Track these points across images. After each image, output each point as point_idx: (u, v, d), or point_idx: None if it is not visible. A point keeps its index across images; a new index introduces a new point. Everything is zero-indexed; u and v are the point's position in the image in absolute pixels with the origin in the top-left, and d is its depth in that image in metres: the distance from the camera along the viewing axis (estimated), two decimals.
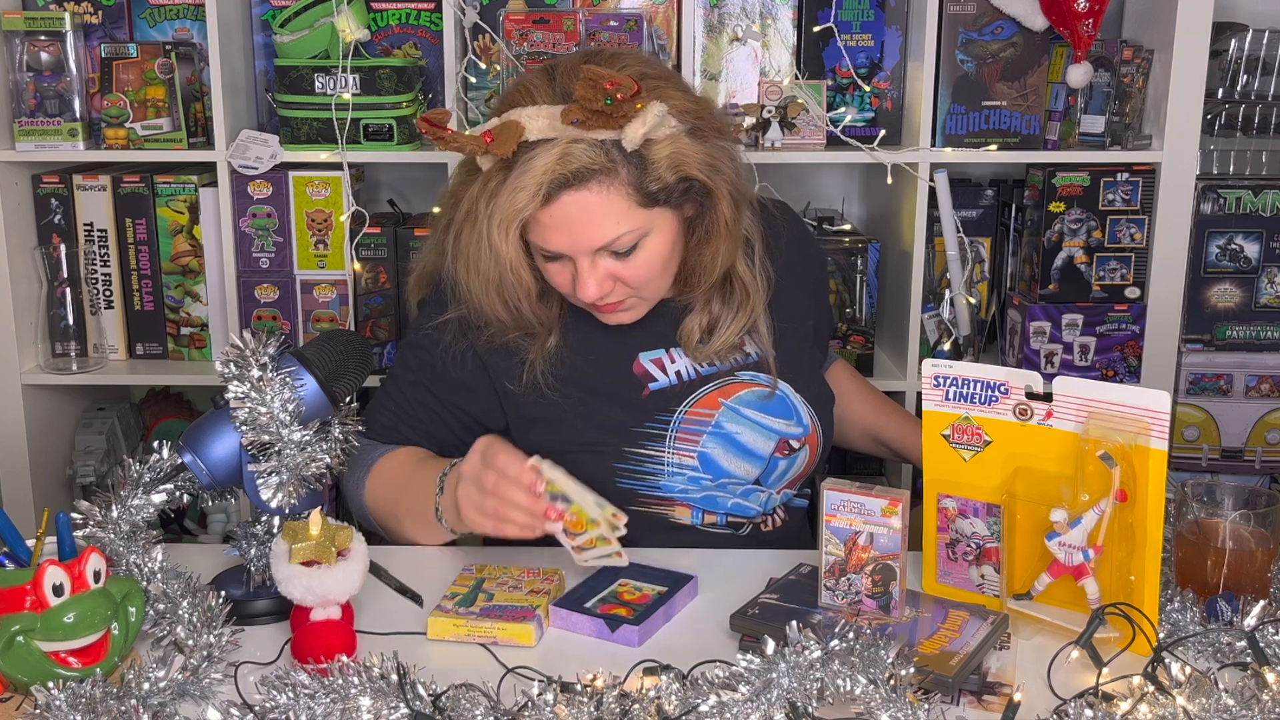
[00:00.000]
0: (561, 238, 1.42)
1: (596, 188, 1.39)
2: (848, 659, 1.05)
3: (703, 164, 1.43)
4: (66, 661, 1.11)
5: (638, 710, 1.05)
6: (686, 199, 1.46)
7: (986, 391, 1.30)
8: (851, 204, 2.54)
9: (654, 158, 1.40)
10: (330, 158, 2.14)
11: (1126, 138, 2.19)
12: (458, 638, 1.28)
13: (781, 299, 1.63)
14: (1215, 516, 1.30)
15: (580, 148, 1.37)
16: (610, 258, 1.44)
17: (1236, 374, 2.21)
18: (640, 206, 1.42)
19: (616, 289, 1.47)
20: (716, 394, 1.57)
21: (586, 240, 1.42)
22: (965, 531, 1.33)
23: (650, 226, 1.44)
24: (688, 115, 1.43)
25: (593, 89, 1.33)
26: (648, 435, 1.54)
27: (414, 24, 2.24)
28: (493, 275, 1.45)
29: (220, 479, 1.33)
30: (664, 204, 1.44)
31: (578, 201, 1.39)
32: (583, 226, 1.41)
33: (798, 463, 1.61)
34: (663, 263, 1.48)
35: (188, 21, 2.26)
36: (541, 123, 1.38)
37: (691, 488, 1.55)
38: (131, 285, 2.26)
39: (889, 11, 2.20)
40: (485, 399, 1.57)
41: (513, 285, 1.46)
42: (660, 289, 1.52)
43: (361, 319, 2.24)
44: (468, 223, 1.45)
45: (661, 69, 1.51)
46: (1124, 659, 1.18)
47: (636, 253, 1.44)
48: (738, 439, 1.56)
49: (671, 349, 1.58)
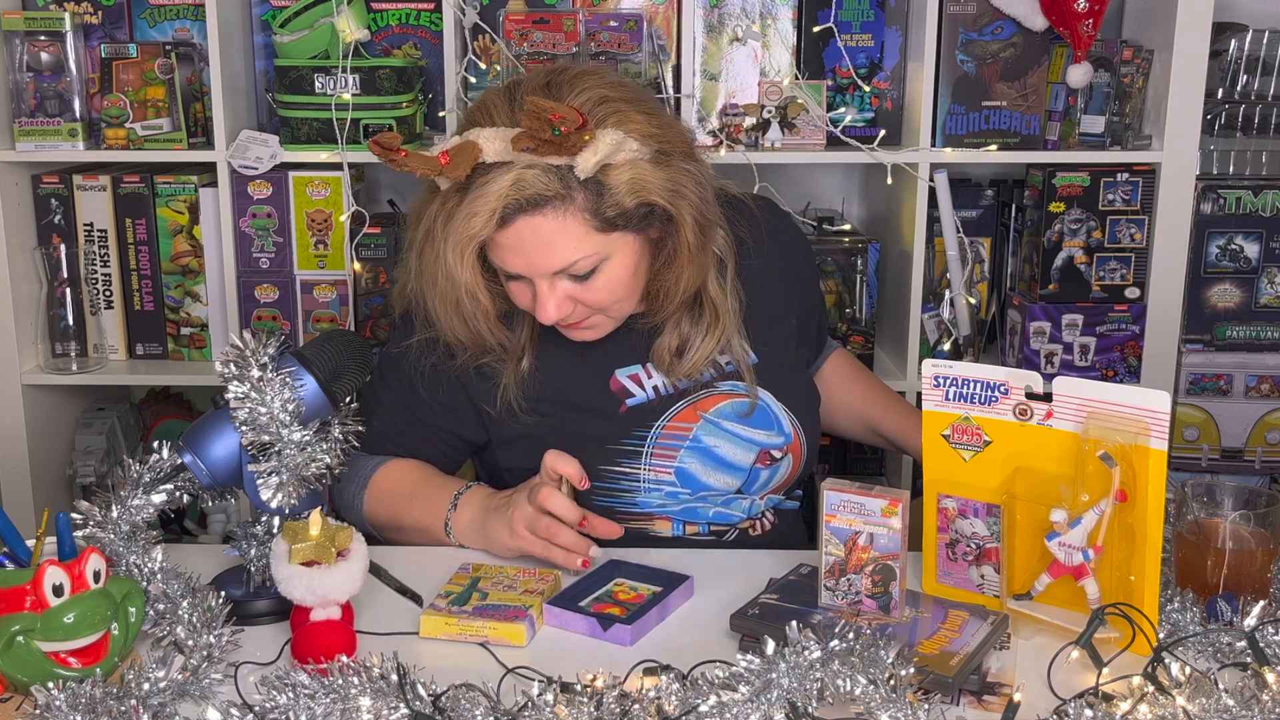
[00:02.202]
0: (518, 260, 1.41)
1: (551, 213, 1.37)
2: (848, 659, 1.05)
3: (664, 189, 1.40)
4: (66, 662, 1.11)
5: (638, 710, 1.05)
6: (649, 223, 1.44)
7: (986, 391, 1.30)
8: (851, 204, 2.54)
9: (612, 183, 1.38)
10: (330, 158, 2.14)
11: (1126, 138, 2.19)
12: (449, 636, 1.28)
13: (760, 306, 1.61)
14: (1215, 516, 1.30)
15: (534, 173, 1.35)
16: (570, 281, 1.43)
17: (1236, 374, 2.21)
18: (598, 231, 1.40)
19: (577, 310, 1.46)
20: (694, 407, 1.56)
21: (544, 263, 1.40)
22: (965, 531, 1.33)
23: (609, 251, 1.42)
24: (651, 139, 1.40)
25: (537, 120, 1.31)
26: (623, 452, 1.53)
27: (414, 24, 2.24)
28: (449, 296, 1.45)
29: (220, 479, 1.33)
30: (624, 229, 1.41)
31: (532, 226, 1.38)
32: (539, 251, 1.39)
33: (780, 472, 1.60)
34: (625, 286, 1.45)
35: (188, 21, 2.26)
36: (498, 145, 1.36)
37: (670, 502, 1.55)
38: (131, 285, 2.26)
39: (889, 11, 2.20)
40: (466, 418, 1.58)
41: (469, 307, 1.45)
42: (626, 309, 1.50)
43: (361, 319, 2.24)
44: (427, 242, 1.44)
45: (628, 90, 1.45)
46: (1124, 659, 1.18)
47: (596, 276, 1.43)
48: (716, 452, 1.55)
49: (648, 364, 1.56)
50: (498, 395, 1.53)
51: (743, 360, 1.57)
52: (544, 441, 1.51)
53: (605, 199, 1.38)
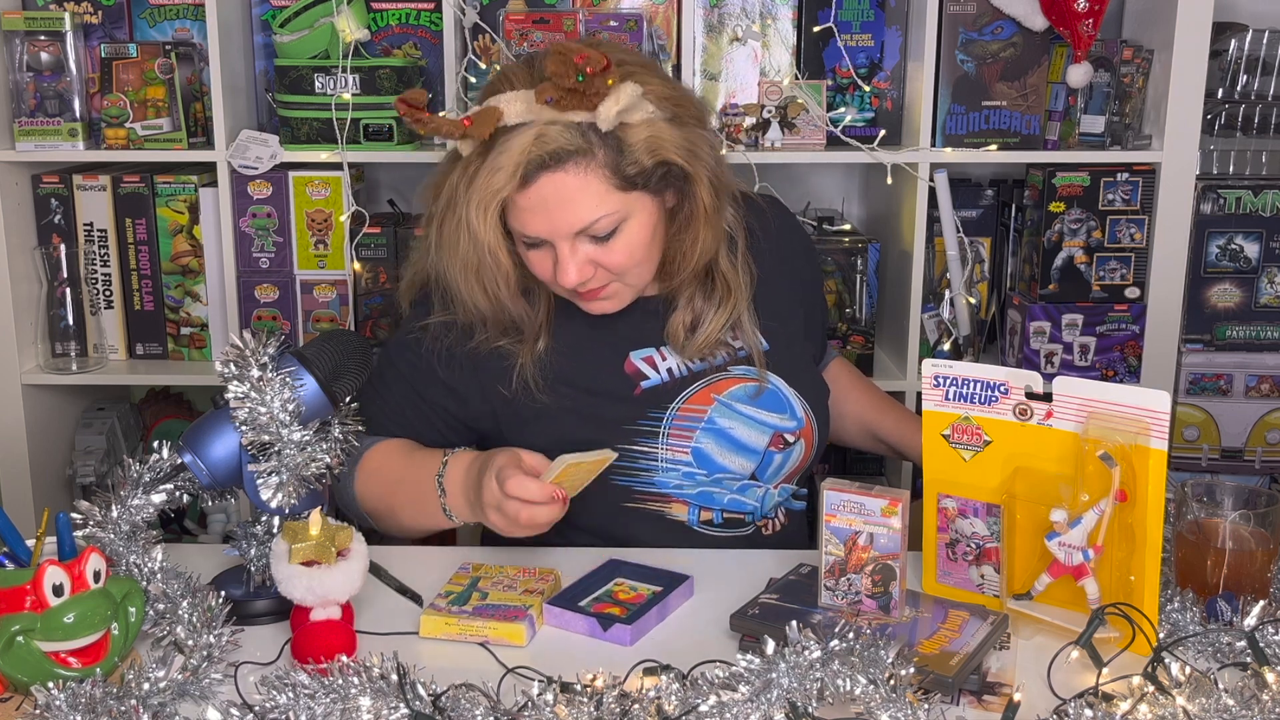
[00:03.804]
0: (540, 221, 1.43)
1: (573, 169, 1.40)
2: (848, 659, 1.05)
3: (680, 149, 1.44)
4: (66, 661, 1.11)
5: (638, 710, 1.05)
6: (666, 185, 1.47)
7: (986, 391, 1.30)
8: (851, 204, 2.54)
9: (631, 141, 1.41)
10: (330, 158, 2.14)
11: (1126, 138, 2.19)
12: (449, 636, 1.28)
13: (769, 294, 1.63)
14: (1215, 516, 1.30)
15: (556, 129, 1.39)
16: (590, 242, 1.45)
17: (1236, 374, 2.21)
18: (618, 190, 1.42)
19: (597, 274, 1.47)
20: (709, 390, 1.57)
21: (565, 223, 1.42)
22: (965, 531, 1.33)
23: (629, 211, 1.44)
24: (666, 102, 1.44)
25: (563, 64, 1.34)
26: (641, 432, 1.54)
27: (414, 24, 2.24)
28: (471, 259, 1.46)
29: (220, 479, 1.33)
30: (643, 189, 1.44)
31: (555, 183, 1.40)
32: (560, 209, 1.41)
33: (793, 456, 1.61)
34: (644, 248, 1.48)
35: (188, 21, 2.26)
36: (519, 106, 1.39)
37: (686, 483, 1.55)
38: (131, 285, 2.26)
39: (889, 11, 2.20)
40: (474, 403, 1.57)
41: (491, 270, 1.47)
42: (643, 276, 1.52)
43: (361, 319, 2.24)
44: (449, 211, 1.46)
45: (641, 59, 1.51)
46: (1124, 659, 1.18)
47: (616, 237, 1.45)
48: (731, 434, 1.56)
49: (662, 347, 1.58)
50: (513, 375, 1.53)
51: (754, 345, 1.59)
52: (560, 421, 1.52)
53: (625, 156, 1.41)
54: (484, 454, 1.44)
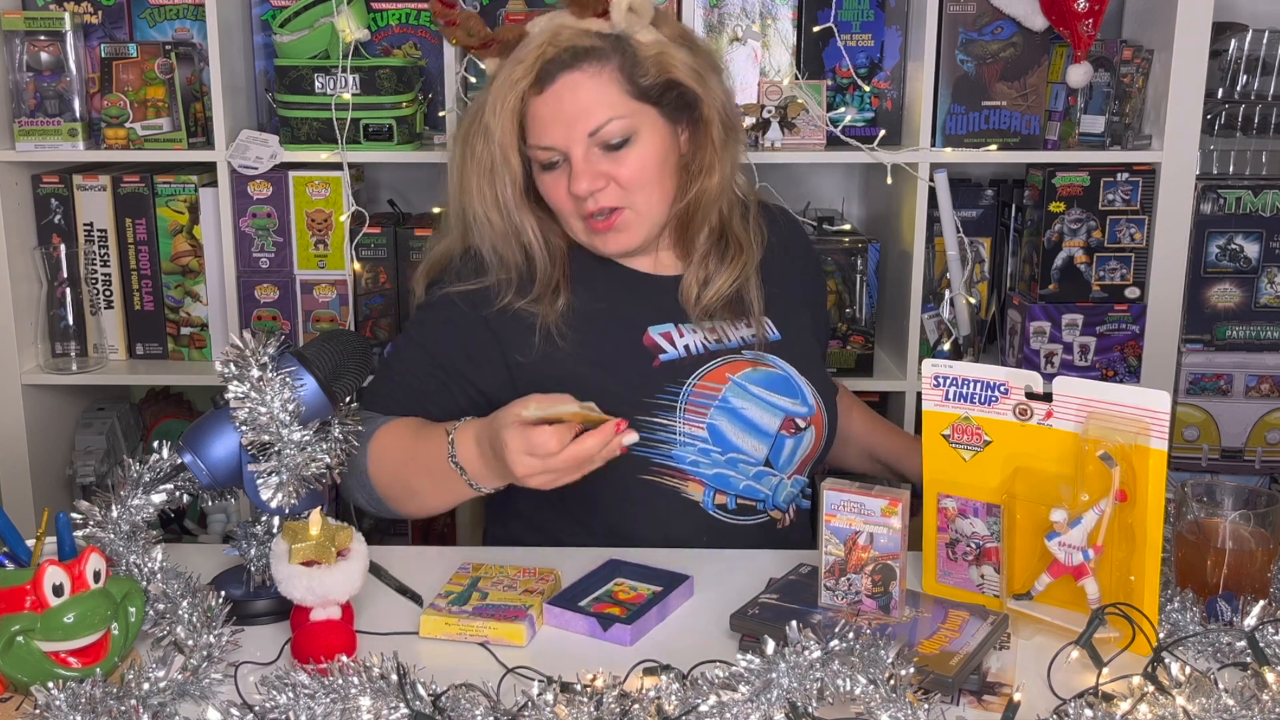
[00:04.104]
0: (556, 128, 1.50)
1: (589, 68, 1.50)
2: (848, 659, 1.05)
3: (690, 72, 1.53)
4: (66, 661, 1.11)
5: (638, 710, 1.05)
6: (678, 112, 1.55)
7: (986, 391, 1.30)
8: (851, 204, 2.54)
9: (643, 55, 1.51)
10: (330, 158, 2.14)
11: (1126, 138, 2.19)
12: (449, 636, 1.28)
13: (781, 285, 1.67)
14: (1215, 516, 1.30)
15: (571, 31, 1.51)
16: (602, 153, 1.50)
17: (1236, 374, 2.21)
18: (631, 97, 1.51)
19: (609, 190, 1.52)
20: (724, 369, 1.59)
21: (580, 124, 1.49)
22: (965, 531, 1.33)
23: (640, 123, 1.51)
24: (680, 38, 1.56)
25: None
26: (659, 405, 1.55)
27: (414, 24, 2.24)
28: (485, 160, 1.53)
29: (220, 479, 1.33)
30: (654, 104, 1.52)
31: (570, 84, 1.49)
32: (575, 109, 1.49)
33: (804, 443, 1.62)
34: (655, 168, 1.53)
35: (188, 21, 2.26)
36: (543, 22, 1.54)
37: (703, 460, 1.55)
38: (131, 285, 2.26)
39: (889, 11, 2.20)
40: (494, 372, 1.57)
41: (501, 171, 1.53)
42: (653, 205, 1.55)
43: (361, 319, 2.24)
44: (474, 121, 1.55)
45: None
46: (1124, 659, 1.18)
47: (629, 149, 1.51)
48: (744, 414, 1.57)
49: (680, 324, 1.61)
50: (535, 338, 1.55)
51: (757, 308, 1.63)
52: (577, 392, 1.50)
53: (638, 66, 1.51)
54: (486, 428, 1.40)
